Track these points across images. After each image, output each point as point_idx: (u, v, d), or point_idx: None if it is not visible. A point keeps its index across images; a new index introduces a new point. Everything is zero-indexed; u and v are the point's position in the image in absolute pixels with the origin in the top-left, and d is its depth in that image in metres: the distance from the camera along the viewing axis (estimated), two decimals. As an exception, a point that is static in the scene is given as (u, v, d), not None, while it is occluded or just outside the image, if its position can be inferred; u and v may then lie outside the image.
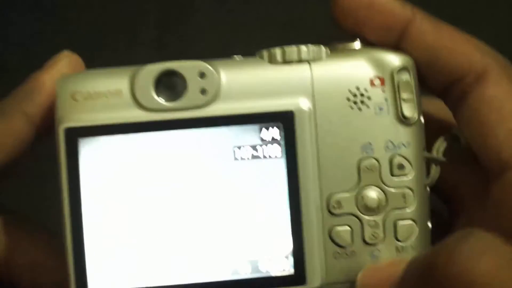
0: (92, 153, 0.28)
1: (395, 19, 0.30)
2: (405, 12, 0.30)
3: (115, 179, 0.28)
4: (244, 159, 0.28)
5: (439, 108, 0.31)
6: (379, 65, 0.29)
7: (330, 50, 0.29)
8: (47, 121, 0.30)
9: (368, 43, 0.30)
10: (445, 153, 0.30)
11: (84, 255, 0.28)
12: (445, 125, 0.31)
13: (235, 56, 0.30)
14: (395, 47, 0.29)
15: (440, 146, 0.30)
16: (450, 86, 0.30)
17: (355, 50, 0.29)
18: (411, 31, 0.29)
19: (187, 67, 0.28)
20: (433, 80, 0.30)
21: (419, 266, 0.26)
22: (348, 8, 0.30)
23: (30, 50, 0.32)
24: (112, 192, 0.28)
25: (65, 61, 0.31)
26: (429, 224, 0.29)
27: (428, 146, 0.30)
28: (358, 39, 0.30)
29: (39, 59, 0.31)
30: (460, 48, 0.29)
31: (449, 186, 0.31)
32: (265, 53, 0.29)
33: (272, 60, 0.29)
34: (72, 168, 0.28)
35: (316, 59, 0.29)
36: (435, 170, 0.29)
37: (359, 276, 0.29)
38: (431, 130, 0.30)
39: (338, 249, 0.29)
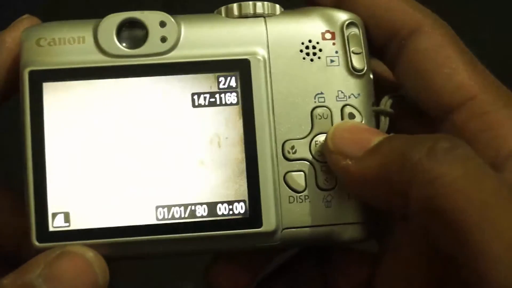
0: (56, 97, 0.29)
1: None
2: None
3: (77, 123, 0.29)
4: (202, 105, 0.30)
5: (386, 69, 0.33)
6: (329, 20, 0.31)
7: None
8: (10, 80, 0.31)
9: None
10: (392, 107, 0.31)
11: (46, 200, 0.29)
12: (394, 85, 0.33)
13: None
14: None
15: (387, 101, 0.31)
16: (387, 43, 0.31)
17: (307, 8, 0.31)
18: None
19: (148, 16, 0.30)
20: (371, 39, 0.32)
21: (398, 147, 0.27)
22: None
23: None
24: (74, 136, 0.29)
25: (26, 22, 0.32)
26: None
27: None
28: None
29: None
30: (393, 5, 0.31)
31: None
32: (223, 9, 0.31)
33: (229, 15, 0.31)
34: (36, 111, 0.29)
35: (270, 14, 0.31)
36: (384, 122, 0.31)
37: (337, 124, 0.30)
38: (381, 89, 0.32)
39: (292, 194, 0.30)
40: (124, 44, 0.30)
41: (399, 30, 0.31)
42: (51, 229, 0.29)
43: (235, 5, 0.31)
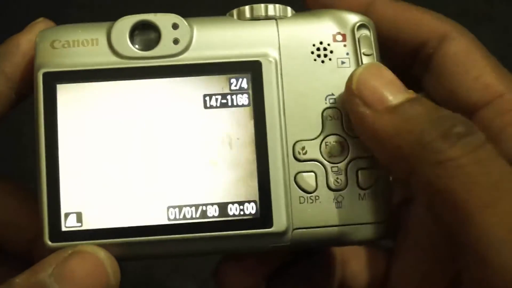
0: (69, 99, 0.29)
1: (358, 2, 0.32)
2: None
3: (91, 124, 0.29)
4: (214, 107, 0.30)
5: None
6: (340, 22, 0.31)
7: (296, 14, 0.32)
8: (25, 81, 0.31)
9: None
10: None
11: (59, 200, 0.29)
12: None
13: (205, 17, 0.32)
14: None
15: None
16: (415, 53, 0.32)
17: (318, 10, 0.31)
18: (373, 9, 0.32)
19: (161, 19, 0.30)
20: (399, 50, 0.32)
21: (414, 122, 0.27)
22: None
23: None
24: (87, 137, 0.29)
25: (41, 25, 0.32)
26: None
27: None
28: None
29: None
30: (419, 17, 0.32)
31: None
32: (235, 11, 0.31)
33: (241, 17, 0.31)
34: (50, 112, 0.29)
35: (282, 16, 0.31)
36: None
37: (363, 67, 0.29)
38: None
39: (303, 194, 0.30)
40: (137, 46, 0.30)
41: (427, 40, 0.32)
42: (63, 229, 0.29)
43: (247, 8, 0.31)
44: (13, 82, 0.31)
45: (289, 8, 0.31)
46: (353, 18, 0.31)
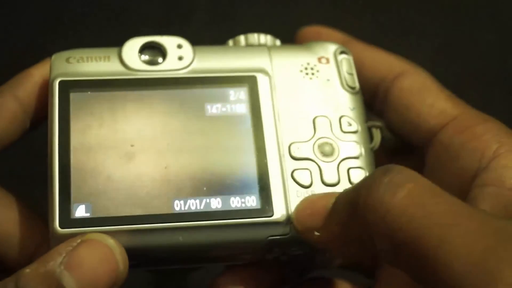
0: (82, 104, 0.32)
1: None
2: (342, 38, 0.38)
3: (101, 127, 0.32)
4: (215, 114, 0.33)
5: None
6: (324, 49, 0.35)
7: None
8: (37, 108, 0.34)
9: None
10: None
11: (70, 193, 0.30)
12: None
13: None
14: None
15: (374, 120, 0.35)
16: (375, 88, 0.36)
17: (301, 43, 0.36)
18: None
19: (167, 40, 0.34)
20: (362, 86, 0.36)
21: (346, 199, 0.29)
22: (303, 37, 0.38)
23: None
24: (97, 138, 0.31)
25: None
26: None
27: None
28: None
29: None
30: (380, 57, 0.37)
31: None
32: (230, 41, 0.36)
33: (236, 44, 0.35)
34: (63, 115, 0.32)
35: (272, 45, 0.35)
36: (376, 134, 0.34)
37: (296, 205, 0.31)
38: None
39: (300, 189, 0.32)
40: (145, 61, 0.34)
41: (385, 75, 0.36)
42: (73, 217, 0.30)
43: (242, 36, 0.35)
44: (27, 107, 0.34)
45: (278, 40, 0.36)
46: (334, 46, 0.36)
